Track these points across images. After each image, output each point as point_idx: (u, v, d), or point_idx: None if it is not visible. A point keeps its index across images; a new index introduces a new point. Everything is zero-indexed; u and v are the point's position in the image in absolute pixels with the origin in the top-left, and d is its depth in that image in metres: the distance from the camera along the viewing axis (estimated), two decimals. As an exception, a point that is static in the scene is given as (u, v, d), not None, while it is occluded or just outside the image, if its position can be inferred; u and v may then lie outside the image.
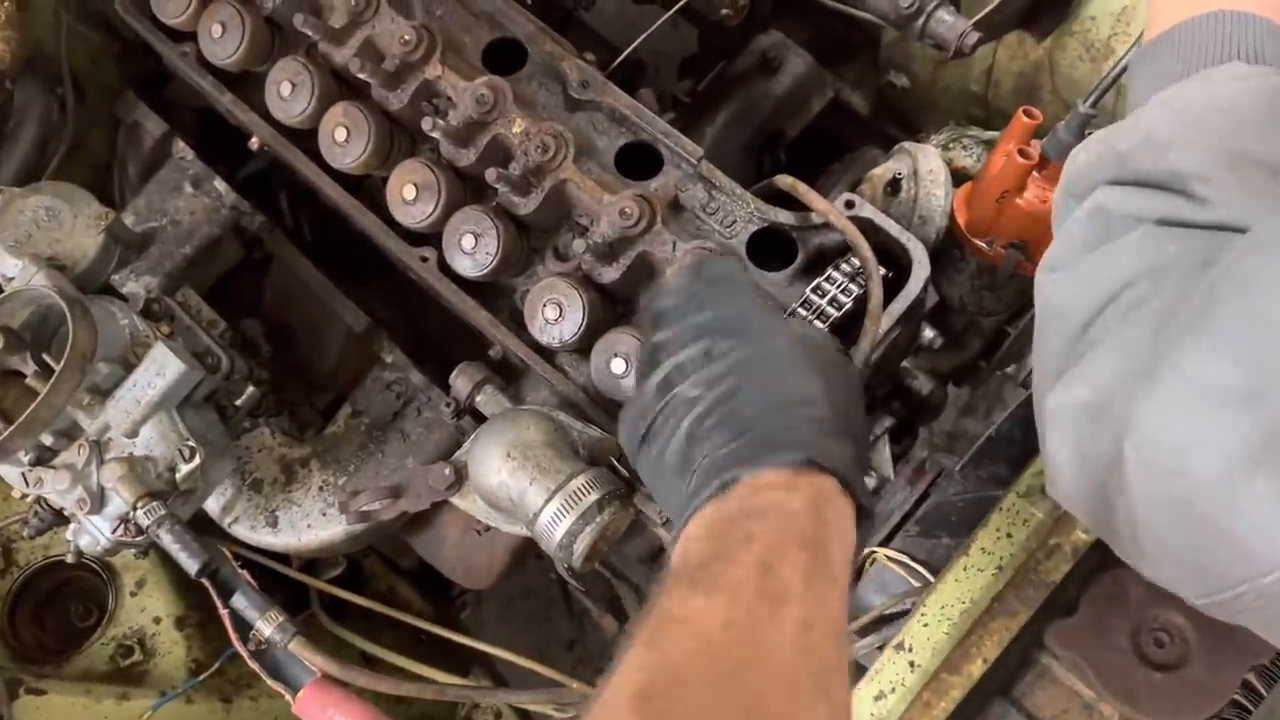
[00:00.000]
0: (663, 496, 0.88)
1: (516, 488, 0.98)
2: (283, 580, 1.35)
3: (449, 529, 1.30)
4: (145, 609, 1.33)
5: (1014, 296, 1.31)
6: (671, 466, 0.84)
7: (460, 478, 1.07)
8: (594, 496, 0.96)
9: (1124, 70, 1.17)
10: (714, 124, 1.62)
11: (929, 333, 1.31)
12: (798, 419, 0.81)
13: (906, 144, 1.28)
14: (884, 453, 1.38)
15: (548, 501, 0.96)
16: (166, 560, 1.37)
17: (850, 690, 0.70)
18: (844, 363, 0.93)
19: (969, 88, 1.68)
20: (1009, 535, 0.88)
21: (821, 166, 1.78)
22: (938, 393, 1.41)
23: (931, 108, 1.73)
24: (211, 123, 1.45)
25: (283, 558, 1.36)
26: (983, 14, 1.35)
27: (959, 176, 1.50)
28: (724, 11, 1.46)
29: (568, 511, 0.95)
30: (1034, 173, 1.19)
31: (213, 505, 1.25)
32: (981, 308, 1.32)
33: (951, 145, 1.61)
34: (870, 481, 1.36)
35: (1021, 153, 1.17)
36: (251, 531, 1.24)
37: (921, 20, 1.34)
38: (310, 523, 1.23)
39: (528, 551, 1.24)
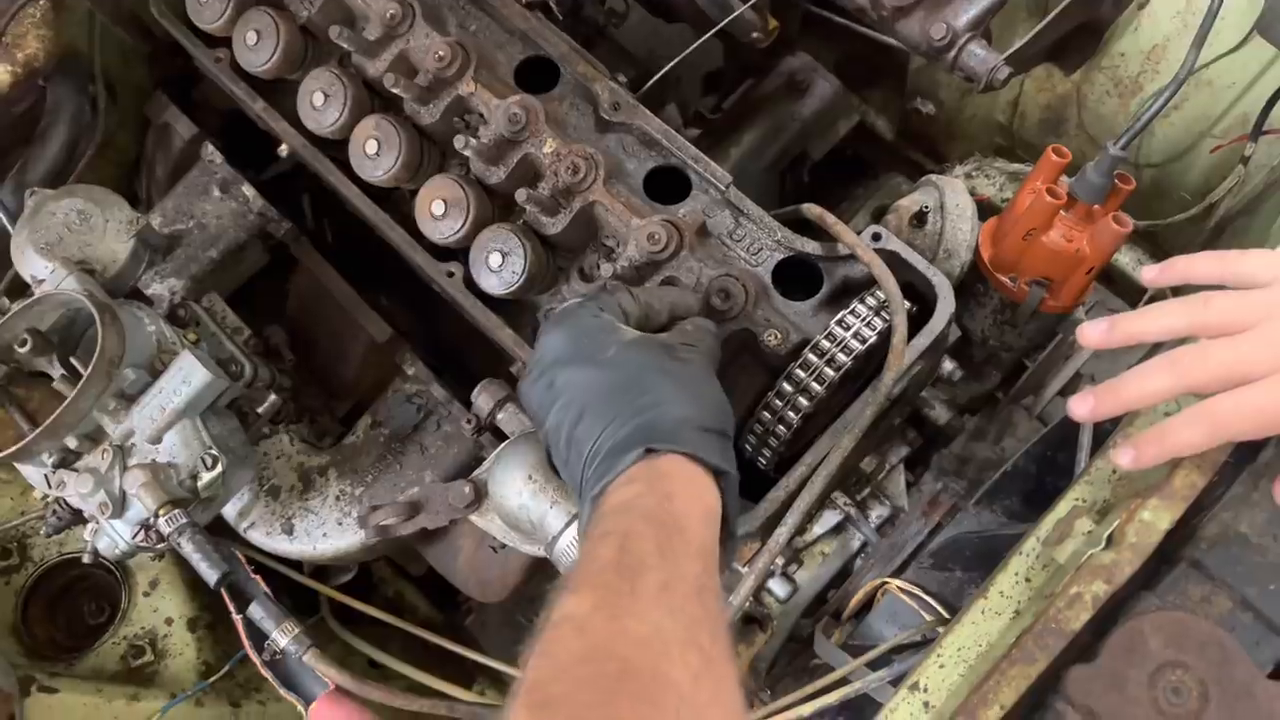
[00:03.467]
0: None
1: (538, 510, 0.99)
2: (292, 583, 1.35)
3: (463, 541, 1.30)
4: (158, 610, 1.33)
5: (1035, 332, 1.31)
6: (574, 486, 0.91)
7: (480, 496, 1.07)
8: (614, 522, 0.96)
9: (1156, 114, 1.18)
10: (739, 144, 1.62)
11: (949, 365, 1.31)
12: (632, 417, 0.87)
13: (934, 176, 1.28)
14: (899, 483, 1.39)
15: (568, 525, 0.97)
16: (181, 561, 1.37)
17: (728, 640, 0.74)
18: (681, 352, 0.97)
19: (995, 118, 1.69)
20: (1028, 580, 0.89)
21: (845, 189, 1.79)
22: (954, 423, 1.42)
23: (956, 136, 1.73)
24: (239, 124, 1.45)
25: (294, 562, 1.37)
26: (1014, 48, 1.35)
27: (983, 207, 1.50)
28: (754, 35, 1.46)
29: (587, 536, 0.96)
30: (1061, 211, 1.19)
31: (229, 510, 1.25)
32: (1003, 342, 1.32)
33: (976, 175, 1.61)
34: (882, 510, 1.37)
35: (1050, 191, 1.17)
36: (267, 538, 1.25)
37: (953, 52, 1.34)
38: (326, 531, 1.24)
39: (541, 568, 1.24)
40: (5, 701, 1.15)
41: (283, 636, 1.09)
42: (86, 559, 1.13)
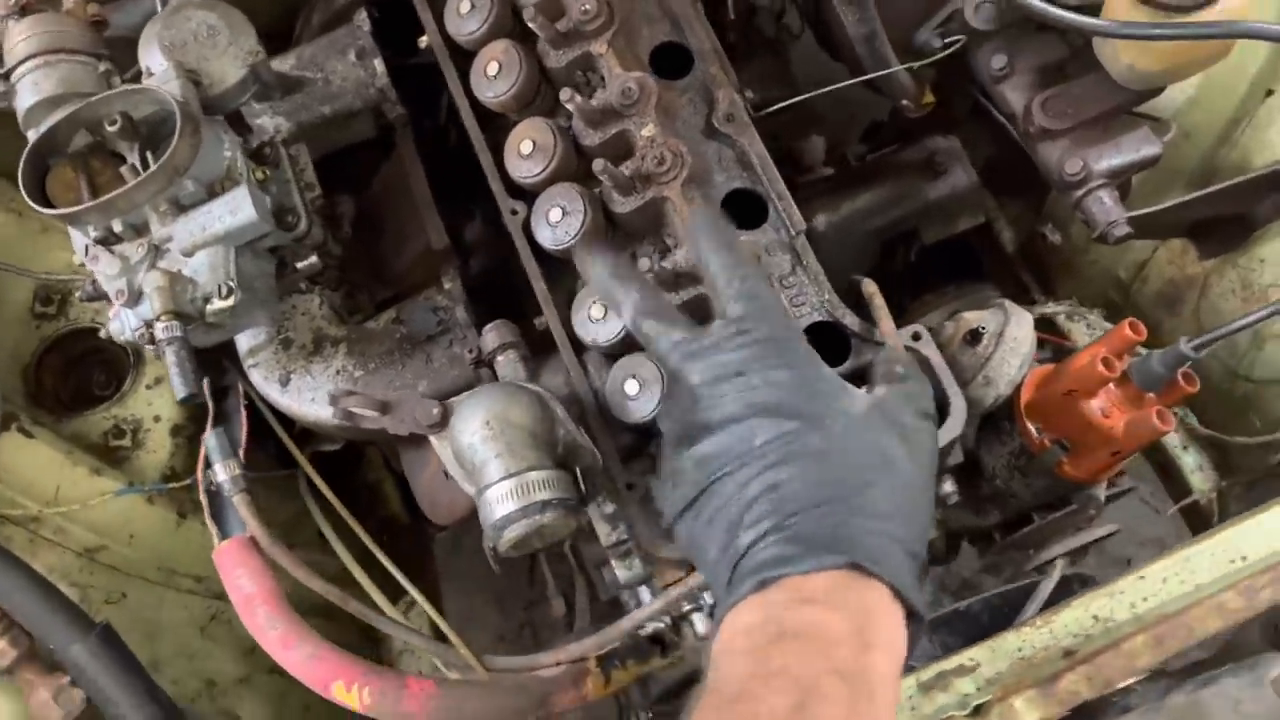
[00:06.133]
0: (701, 568, 0.88)
1: (481, 454, 1.01)
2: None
3: (435, 459, 1.34)
4: (152, 405, 1.41)
5: (1043, 490, 1.27)
6: (712, 548, 0.82)
7: (445, 421, 1.11)
8: (544, 495, 0.99)
9: (1244, 327, 1.13)
10: (855, 199, 1.60)
11: (948, 486, 1.27)
12: (845, 517, 0.77)
13: (1007, 302, 1.25)
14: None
15: (501, 480, 0.99)
16: (188, 372, 1.45)
17: None
18: (913, 441, 0.87)
19: (1116, 272, 1.63)
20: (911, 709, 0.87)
21: (944, 280, 1.75)
22: (938, 543, 1.39)
23: (1073, 274, 1.68)
24: (402, 13, 1.50)
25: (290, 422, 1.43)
26: (1143, 211, 1.31)
27: (1060, 351, 1.46)
28: (905, 101, 1.45)
29: (514, 497, 0.98)
30: (1111, 385, 1.15)
31: (242, 343, 1.31)
32: (1009, 487, 1.28)
33: (1075, 318, 1.57)
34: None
35: (1105, 360, 1.13)
36: (264, 381, 1.30)
37: (1081, 192, 1.31)
38: (315, 397, 1.28)
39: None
40: (-25, 424, 1.24)
41: (223, 471, 1.15)
42: (102, 334, 1.20)
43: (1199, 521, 1.50)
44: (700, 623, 1.30)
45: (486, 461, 1.01)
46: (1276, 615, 0.96)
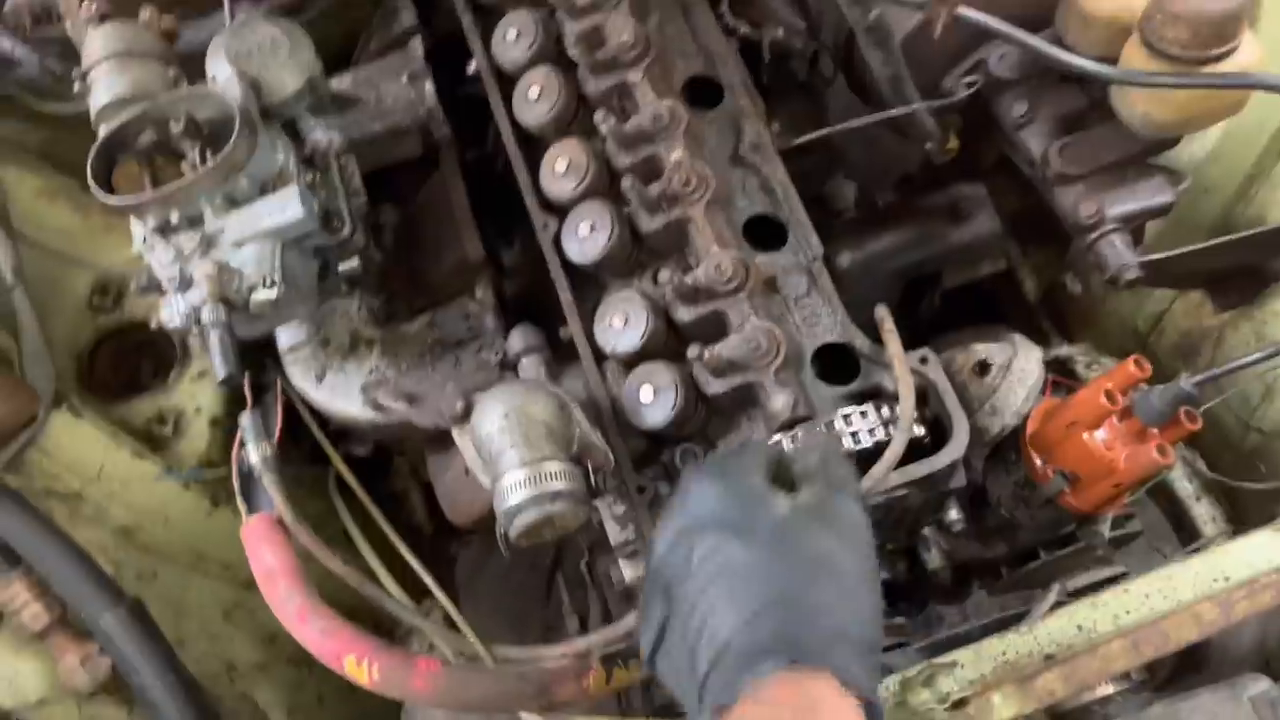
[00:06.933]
0: (682, 700, 0.86)
1: (499, 444, 1.06)
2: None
3: (459, 460, 1.39)
4: (194, 396, 1.48)
5: (1046, 522, 1.30)
6: (683, 682, 0.83)
7: (468, 415, 1.16)
8: (556, 486, 1.03)
9: (1242, 367, 1.16)
10: (880, 239, 1.65)
11: (954, 514, 1.31)
12: (784, 619, 0.78)
13: (1017, 336, 1.29)
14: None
15: (516, 469, 1.04)
16: (231, 367, 1.52)
17: None
18: (844, 531, 0.87)
19: (1134, 323, 1.67)
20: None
21: (964, 322, 1.79)
22: (944, 573, 1.41)
23: (1092, 324, 1.72)
24: (453, 48, 1.59)
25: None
26: (1154, 257, 1.34)
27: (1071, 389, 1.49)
28: (929, 145, 1.50)
29: (527, 485, 1.03)
30: (1114, 419, 1.18)
31: (282, 340, 1.38)
32: (1014, 517, 1.31)
33: (1094, 366, 1.60)
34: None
35: (1108, 393, 1.16)
36: (301, 377, 1.37)
37: (1094, 235, 1.35)
38: (347, 395, 1.35)
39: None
40: (30, 400, 1.31)
41: (256, 452, 1.21)
42: (153, 324, 1.27)
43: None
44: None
45: (503, 451, 1.06)
46: (1268, 644, 0.98)
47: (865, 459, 1.12)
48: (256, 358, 1.46)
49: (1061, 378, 1.51)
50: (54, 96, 1.44)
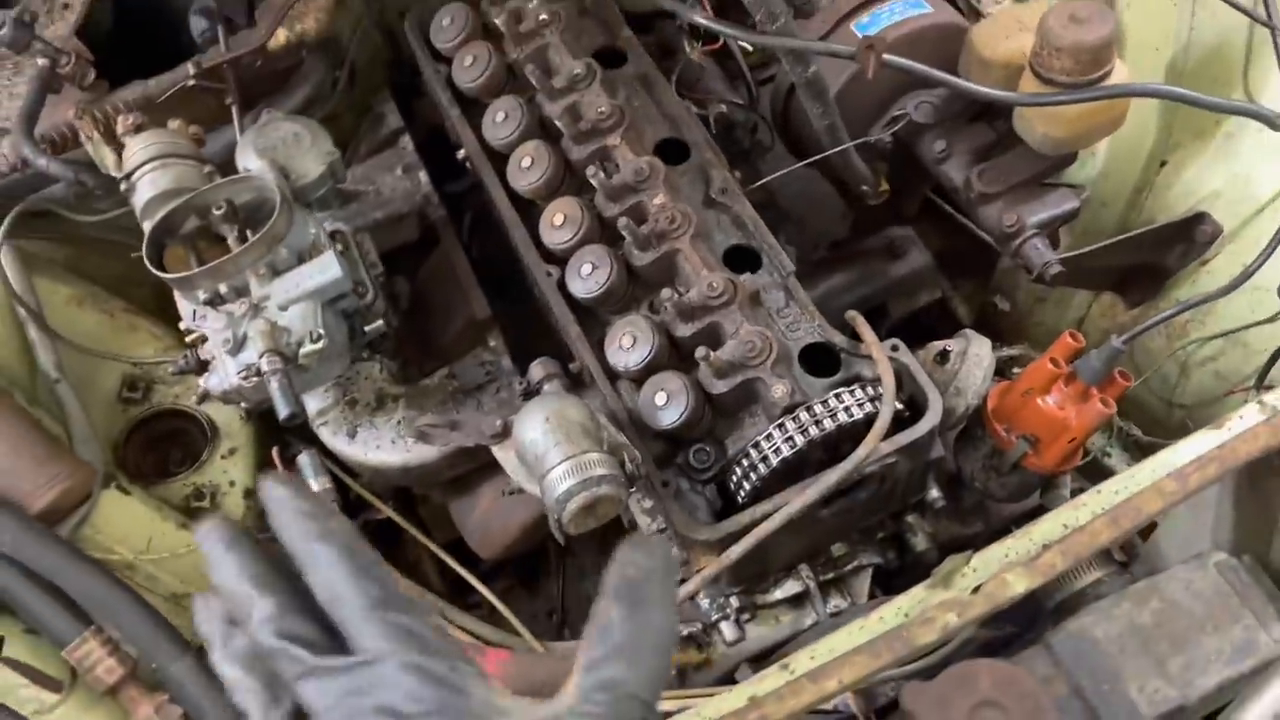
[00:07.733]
0: None
1: (543, 445, 1.20)
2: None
3: (482, 499, 1.52)
4: (227, 472, 1.58)
5: (1016, 486, 1.47)
6: None
7: (506, 432, 1.30)
8: (599, 471, 1.17)
9: (1156, 324, 1.37)
10: (830, 280, 1.86)
11: (934, 492, 1.47)
12: None
13: (969, 330, 1.48)
14: (864, 585, 1.53)
15: (561, 462, 1.18)
16: (257, 440, 1.64)
17: None
18: None
19: (1059, 329, 1.87)
20: (906, 615, 1.04)
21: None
22: (930, 555, 1.57)
23: (1022, 335, 1.93)
24: (436, 142, 1.78)
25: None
26: (1070, 253, 1.57)
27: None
28: (864, 188, 1.72)
29: (574, 474, 1.17)
30: (1061, 384, 1.37)
31: (311, 406, 1.51)
32: (987, 489, 1.48)
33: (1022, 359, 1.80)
34: (840, 602, 1.51)
35: (1053, 360, 1.36)
36: (333, 436, 1.50)
37: (1018, 242, 1.57)
38: (380, 444, 1.48)
39: (536, 530, 1.44)
40: (89, 476, 1.41)
41: (316, 486, 1.33)
42: (196, 399, 1.40)
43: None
44: (728, 629, 1.46)
45: (548, 450, 1.20)
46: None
47: (856, 434, 1.29)
48: (282, 438, 1.60)
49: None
50: (83, 210, 1.58)
